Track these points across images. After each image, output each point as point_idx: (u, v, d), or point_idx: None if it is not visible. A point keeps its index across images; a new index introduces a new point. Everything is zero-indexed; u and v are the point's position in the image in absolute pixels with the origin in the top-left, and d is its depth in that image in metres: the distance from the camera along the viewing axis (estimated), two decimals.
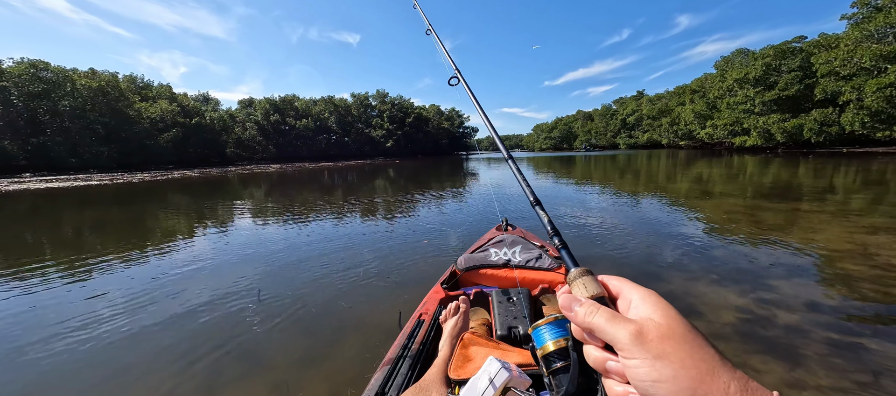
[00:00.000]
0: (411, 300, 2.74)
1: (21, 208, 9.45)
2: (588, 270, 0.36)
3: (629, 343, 0.28)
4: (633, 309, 0.31)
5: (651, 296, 0.31)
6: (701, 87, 52.34)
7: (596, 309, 0.31)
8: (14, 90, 32.34)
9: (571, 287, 0.36)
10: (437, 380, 1.02)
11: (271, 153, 57.06)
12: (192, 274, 3.71)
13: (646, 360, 0.27)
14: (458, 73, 1.06)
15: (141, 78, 50.26)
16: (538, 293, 1.69)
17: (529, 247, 2.00)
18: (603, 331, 0.30)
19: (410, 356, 1.27)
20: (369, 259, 3.95)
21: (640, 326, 0.28)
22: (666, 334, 0.27)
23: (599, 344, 0.32)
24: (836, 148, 32.31)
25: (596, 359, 0.32)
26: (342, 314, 2.67)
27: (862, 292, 2.74)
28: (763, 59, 36.94)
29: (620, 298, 0.33)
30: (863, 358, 1.93)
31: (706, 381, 0.25)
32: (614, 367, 0.30)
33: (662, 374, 0.26)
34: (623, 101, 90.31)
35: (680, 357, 0.26)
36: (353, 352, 2.17)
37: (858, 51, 27.22)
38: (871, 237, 4.11)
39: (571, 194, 8.81)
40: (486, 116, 0.86)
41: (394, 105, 69.18)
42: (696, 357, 0.26)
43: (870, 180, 9.56)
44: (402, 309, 2.15)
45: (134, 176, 23.18)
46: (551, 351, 0.38)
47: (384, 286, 3.17)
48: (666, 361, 0.26)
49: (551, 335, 0.39)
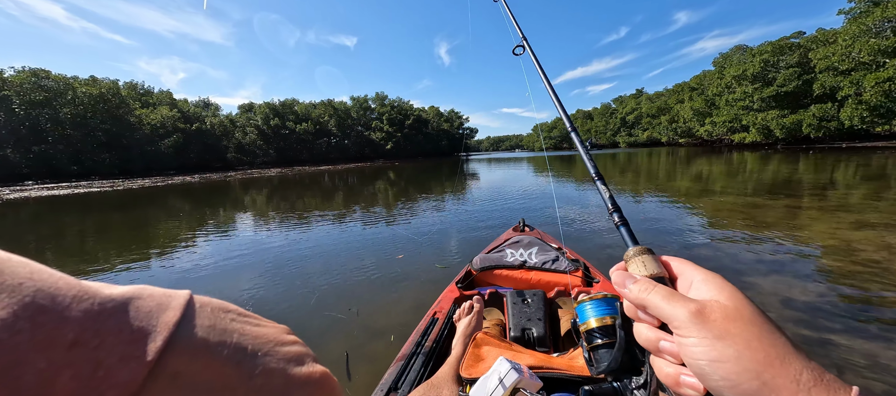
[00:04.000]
0: (398, 312, 2.79)
1: (23, 216, 9.51)
2: (648, 248, 0.35)
3: (688, 322, 0.27)
4: (695, 290, 0.30)
5: (715, 278, 0.29)
6: (700, 84, 52.36)
7: (652, 286, 0.31)
8: (16, 99, 32.47)
9: (628, 265, 0.35)
10: (448, 378, 1.05)
11: (272, 157, 57.13)
12: (191, 277, 3.77)
13: (705, 339, 0.26)
14: (524, 41, 0.97)
15: (142, 85, 50.45)
16: (554, 296, 1.67)
17: (546, 249, 1.98)
18: (659, 309, 0.29)
19: (423, 352, 1.30)
20: (369, 263, 4.00)
21: (701, 305, 0.27)
22: (731, 315, 0.26)
23: (654, 323, 0.31)
24: (836, 143, 32.30)
25: (648, 338, 0.31)
26: (348, 317, 2.72)
27: (839, 288, 2.78)
28: (761, 55, 36.97)
29: (680, 278, 0.32)
30: (831, 354, 1.97)
31: (774, 365, 0.23)
32: (668, 347, 0.29)
33: (723, 354, 0.25)
34: (622, 99, 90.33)
35: (745, 339, 0.25)
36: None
37: (856, 45, 27.23)
38: (856, 233, 4.14)
39: (572, 194, 8.86)
40: (553, 89, 0.78)
41: (393, 107, 69.22)
42: (764, 341, 0.24)
43: (869, 174, 9.59)
44: (349, 351, 2.11)
45: (135, 182, 23.23)
46: (593, 328, 0.38)
47: (384, 290, 3.22)
48: (729, 341, 0.25)
49: (595, 312, 0.38)
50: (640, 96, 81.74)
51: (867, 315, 2.36)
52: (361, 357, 2.15)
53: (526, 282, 1.85)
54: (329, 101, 65.40)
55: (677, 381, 0.28)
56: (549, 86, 0.78)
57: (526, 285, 1.85)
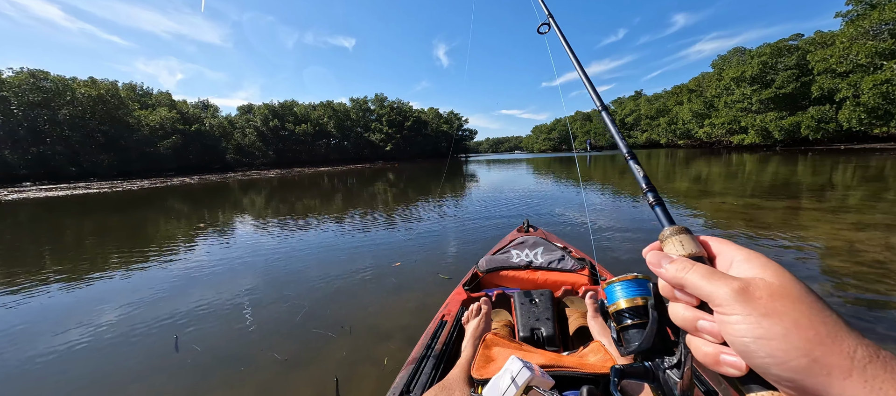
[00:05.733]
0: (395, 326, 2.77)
1: (21, 218, 9.47)
2: (685, 228, 0.34)
3: (731, 300, 0.26)
4: (736, 270, 0.29)
5: (758, 256, 0.28)
6: (698, 86, 52.57)
7: (690, 265, 0.30)
8: (14, 100, 32.38)
9: (664, 245, 0.34)
10: (460, 380, 1.05)
11: (271, 159, 57.08)
12: (189, 281, 3.75)
13: (751, 316, 0.25)
14: (550, 18, 0.90)
15: (141, 86, 50.36)
16: (561, 295, 1.68)
17: (551, 248, 1.99)
18: (698, 288, 0.28)
19: (434, 355, 1.30)
20: (367, 264, 3.99)
21: (746, 283, 0.26)
22: (777, 292, 0.25)
23: (692, 302, 0.30)
24: (834, 145, 32.44)
25: (685, 318, 0.30)
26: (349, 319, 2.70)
27: (844, 290, 2.77)
28: (759, 57, 37.12)
29: (719, 258, 0.31)
30: None
31: (826, 343, 0.22)
32: (707, 326, 0.28)
33: (770, 332, 0.24)
34: (621, 101, 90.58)
35: (794, 317, 0.24)
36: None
37: (854, 48, 27.36)
38: (858, 234, 4.14)
39: (572, 196, 8.87)
40: (582, 66, 0.74)
41: (392, 109, 69.26)
42: (814, 318, 0.23)
43: (868, 176, 9.62)
44: (338, 376, 1.92)
45: (133, 183, 23.16)
46: (623, 309, 0.38)
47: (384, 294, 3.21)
48: (776, 319, 0.24)
49: (625, 293, 0.38)
50: (638, 98, 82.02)
51: (874, 316, 2.35)
52: (352, 382, 1.97)
53: (532, 282, 1.86)
54: (328, 102, 65.44)
55: (717, 360, 0.28)
56: (578, 63, 0.74)
57: (532, 285, 1.85)
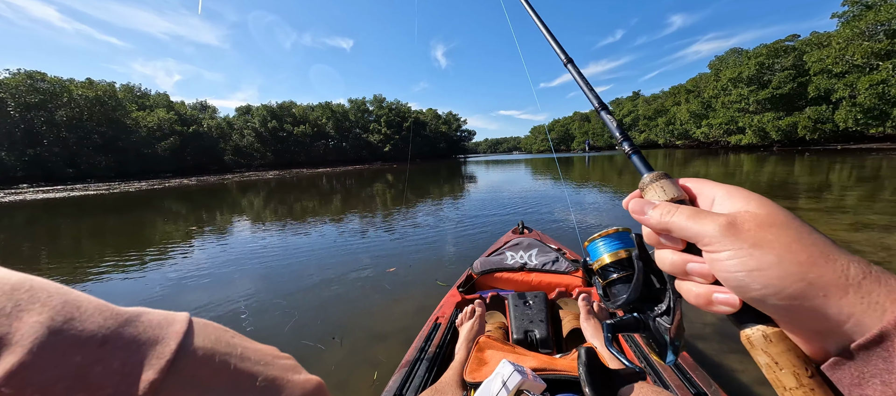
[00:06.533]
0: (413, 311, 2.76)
1: (18, 220, 9.42)
2: (664, 173, 0.34)
3: (719, 236, 0.25)
4: (718, 206, 0.29)
5: (739, 190, 0.28)
6: (696, 86, 52.82)
7: (674, 208, 0.29)
8: (11, 101, 32.26)
9: (645, 192, 0.34)
10: (452, 383, 1.05)
11: (269, 160, 57.02)
12: (188, 283, 3.73)
13: (741, 250, 0.24)
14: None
15: (138, 87, 50.22)
16: (555, 297, 1.68)
17: (546, 250, 2.00)
18: (684, 229, 0.28)
19: (427, 358, 1.29)
20: (365, 264, 3.98)
21: (732, 217, 0.26)
22: (765, 221, 0.25)
23: (678, 246, 0.30)
24: (831, 145, 32.60)
25: (673, 262, 0.30)
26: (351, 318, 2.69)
27: None
28: (756, 58, 37.34)
29: (700, 198, 0.31)
30: None
31: (819, 264, 0.22)
32: (697, 267, 0.28)
33: (763, 262, 0.23)
34: (619, 101, 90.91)
35: (784, 243, 0.23)
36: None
37: (850, 48, 27.54)
38: (855, 234, 4.15)
39: (572, 196, 8.87)
40: (548, 28, 0.57)
41: (391, 110, 69.31)
42: (804, 241, 0.23)
43: (864, 176, 9.66)
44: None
45: (131, 185, 23.10)
46: (607, 263, 0.38)
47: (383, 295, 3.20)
48: (766, 248, 0.24)
49: (607, 248, 0.38)
50: (636, 99, 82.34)
51: None
52: (347, 391, 1.92)
53: (527, 284, 1.86)
54: (327, 103, 65.43)
55: (709, 300, 0.28)
56: (543, 25, 0.59)
57: (527, 287, 1.85)
